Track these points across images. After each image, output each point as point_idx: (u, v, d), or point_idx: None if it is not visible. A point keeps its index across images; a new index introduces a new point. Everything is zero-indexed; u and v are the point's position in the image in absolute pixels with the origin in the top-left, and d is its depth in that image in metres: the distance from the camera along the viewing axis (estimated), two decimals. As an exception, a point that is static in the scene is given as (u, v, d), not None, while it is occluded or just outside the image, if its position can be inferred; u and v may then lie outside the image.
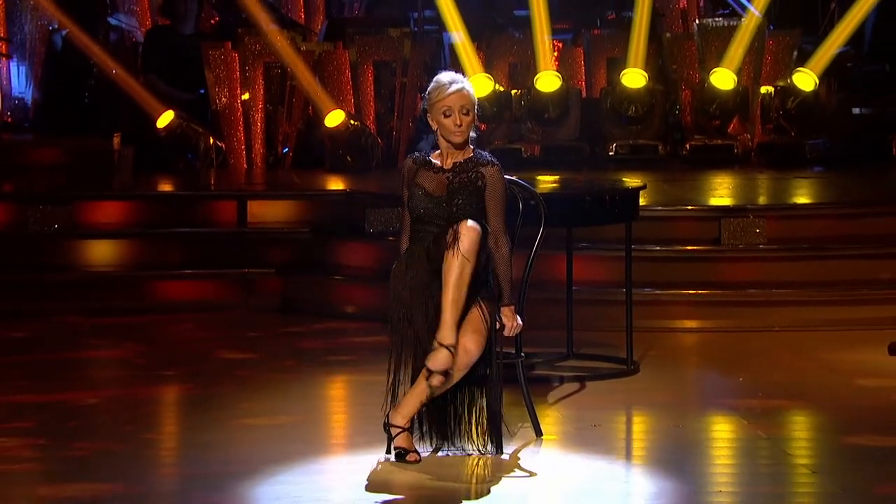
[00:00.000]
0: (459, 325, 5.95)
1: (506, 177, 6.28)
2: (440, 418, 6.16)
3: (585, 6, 12.52)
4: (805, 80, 11.37)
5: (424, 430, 6.15)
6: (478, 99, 6.25)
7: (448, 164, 6.15)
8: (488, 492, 5.81)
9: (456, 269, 5.91)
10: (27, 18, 11.86)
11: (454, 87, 6.12)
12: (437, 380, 5.93)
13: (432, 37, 11.84)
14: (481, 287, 6.05)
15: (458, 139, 6.13)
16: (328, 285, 9.39)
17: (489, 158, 6.19)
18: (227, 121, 11.25)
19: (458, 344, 5.94)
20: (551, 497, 5.86)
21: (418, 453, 6.05)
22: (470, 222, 5.96)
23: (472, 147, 6.19)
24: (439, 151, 6.19)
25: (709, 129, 11.55)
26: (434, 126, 6.18)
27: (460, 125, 6.10)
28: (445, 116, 6.11)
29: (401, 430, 6.04)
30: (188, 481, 5.96)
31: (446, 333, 5.91)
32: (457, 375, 5.98)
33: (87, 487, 5.86)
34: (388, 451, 6.06)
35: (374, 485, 5.87)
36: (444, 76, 6.20)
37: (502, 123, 11.41)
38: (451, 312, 5.92)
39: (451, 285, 5.91)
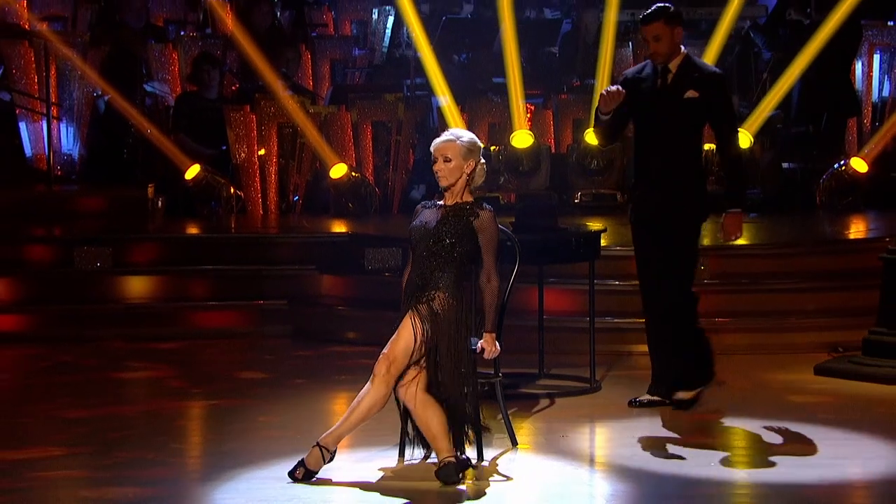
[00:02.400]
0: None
1: (502, 228, 6.29)
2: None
3: (554, 75, 12.57)
4: (742, 139, 11.39)
5: (415, 439, 6.14)
6: None
7: (451, 203, 6.16)
8: (471, 493, 5.81)
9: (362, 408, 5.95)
10: (75, 86, 11.87)
11: (440, 139, 6.15)
12: (299, 472, 5.90)
13: (422, 101, 11.87)
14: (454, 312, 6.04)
15: (442, 182, 6.12)
16: (333, 315, 9.38)
17: (485, 205, 6.18)
18: (245, 173, 11.26)
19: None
20: (525, 497, 5.87)
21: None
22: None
23: (472, 195, 6.18)
24: (445, 196, 6.19)
25: (660, 180, 11.55)
26: None
27: (440, 171, 6.11)
28: (433, 163, 6.15)
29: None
30: (212, 485, 5.95)
31: (329, 439, 5.94)
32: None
33: (125, 491, 5.86)
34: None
35: (371, 488, 5.87)
36: (447, 131, 6.21)
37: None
38: (337, 437, 5.96)
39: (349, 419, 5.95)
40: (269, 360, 8.72)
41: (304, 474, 5.92)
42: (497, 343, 6.18)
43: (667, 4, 7.07)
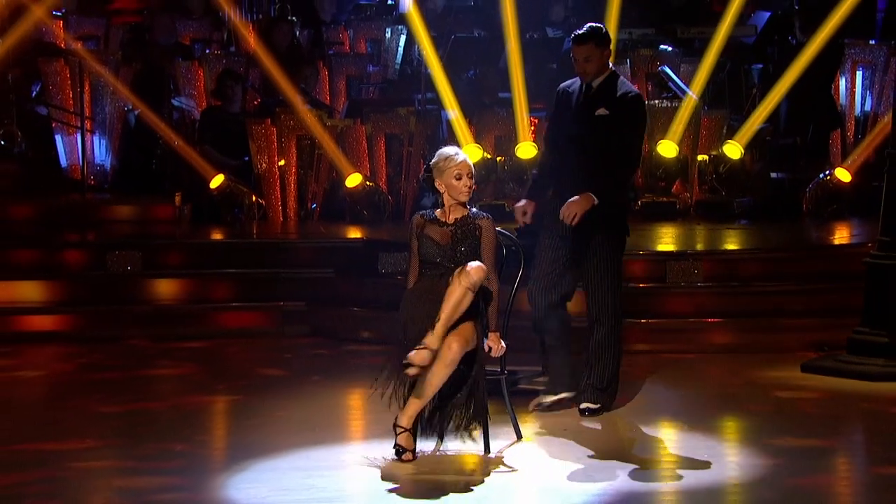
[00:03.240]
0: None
1: (502, 231, 6.34)
2: (441, 423, 6.16)
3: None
4: (733, 150, 11.40)
5: (428, 432, 6.15)
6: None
7: (451, 220, 6.18)
8: (478, 483, 5.82)
9: (457, 295, 5.93)
10: (108, 101, 11.90)
11: (461, 157, 6.20)
12: (413, 370, 5.91)
13: (433, 114, 11.87)
14: (476, 314, 6.08)
15: (465, 198, 6.17)
16: (348, 315, 9.38)
17: (483, 214, 6.24)
18: (266, 182, 11.28)
19: (443, 345, 5.94)
20: (529, 487, 5.87)
21: (413, 453, 6.04)
22: (479, 263, 6.00)
23: (467, 206, 6.23)
24: (442, 209, 6.22)
25: (656, 189, 11.56)
26: (442, 188, 6.19)
27: (467, 186, 6.15)
28: (457, 179, 6.15)
29: (403, 430, 6.04)
30: (234, 475, 5.96)
31: (432, 339, 5.92)
32: (441, 371, 5.93)
33: (154, 480, 5.88)
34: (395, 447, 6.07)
35: (384, 478, 5.88)
36: (449, 149, 6.25)
37: (489, 184, 11.43)
38: (443, 325, 5.92)
39: (451, 306, 5.92)
40: (288, 358, 8.73)
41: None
42: (502, 341, 6.20)
43: (599, 26, 6.93)
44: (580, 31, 6.91)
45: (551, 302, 6.96)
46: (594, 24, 6.94)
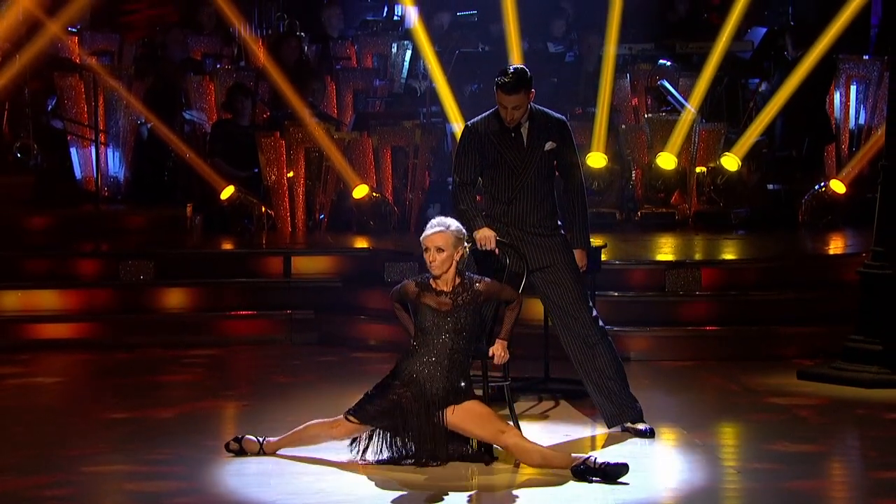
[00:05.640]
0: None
1: (497, 238, 6.29)
2: (446, 432, 6.12)
3: (557, 103, 12.56)
4: (730, 162, 11.39)
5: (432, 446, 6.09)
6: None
7: (448, 288, 5.96)
8: (483, 488, 5.79)
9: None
10: (121, 115, 11.91)
11: (431, 230, 5.94)
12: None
13: (437, 127, 11.86)
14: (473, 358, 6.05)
15: (436, 272, 5.93)
16: (355, 323, 9.38)
17: (478, 276, 6.07)
18: (275, 193, 11.27)
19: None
20: (532, 491, 5.84)
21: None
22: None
23: (461, 276, 5.99)
24: (433, 278, 6.00)
25: (655, 200, 11.56)
26: None
27: (433, 261, 5.93)
28: (425, 252, 5.96)
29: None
30: (243, 479, 5.95)
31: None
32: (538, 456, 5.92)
33: (165, 483, 5.86)
34: None
35: (393, 482, 5.86)
36: (434, 220, 5.99)
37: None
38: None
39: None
40: (296, 364, 8.72)
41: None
42: (507, 350, 6.18)
43: (524, 69, 6.53)
44: (508, 80, 6.47)
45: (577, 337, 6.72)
46: (518, 68, 6.57)
